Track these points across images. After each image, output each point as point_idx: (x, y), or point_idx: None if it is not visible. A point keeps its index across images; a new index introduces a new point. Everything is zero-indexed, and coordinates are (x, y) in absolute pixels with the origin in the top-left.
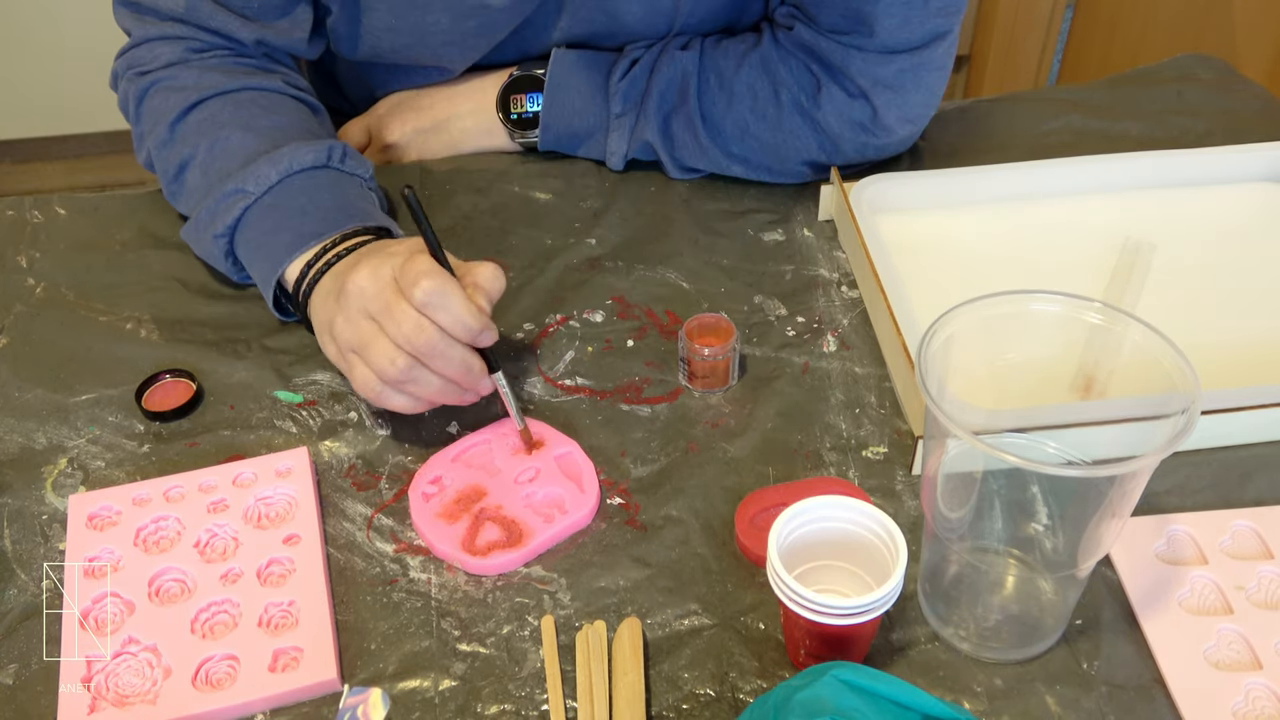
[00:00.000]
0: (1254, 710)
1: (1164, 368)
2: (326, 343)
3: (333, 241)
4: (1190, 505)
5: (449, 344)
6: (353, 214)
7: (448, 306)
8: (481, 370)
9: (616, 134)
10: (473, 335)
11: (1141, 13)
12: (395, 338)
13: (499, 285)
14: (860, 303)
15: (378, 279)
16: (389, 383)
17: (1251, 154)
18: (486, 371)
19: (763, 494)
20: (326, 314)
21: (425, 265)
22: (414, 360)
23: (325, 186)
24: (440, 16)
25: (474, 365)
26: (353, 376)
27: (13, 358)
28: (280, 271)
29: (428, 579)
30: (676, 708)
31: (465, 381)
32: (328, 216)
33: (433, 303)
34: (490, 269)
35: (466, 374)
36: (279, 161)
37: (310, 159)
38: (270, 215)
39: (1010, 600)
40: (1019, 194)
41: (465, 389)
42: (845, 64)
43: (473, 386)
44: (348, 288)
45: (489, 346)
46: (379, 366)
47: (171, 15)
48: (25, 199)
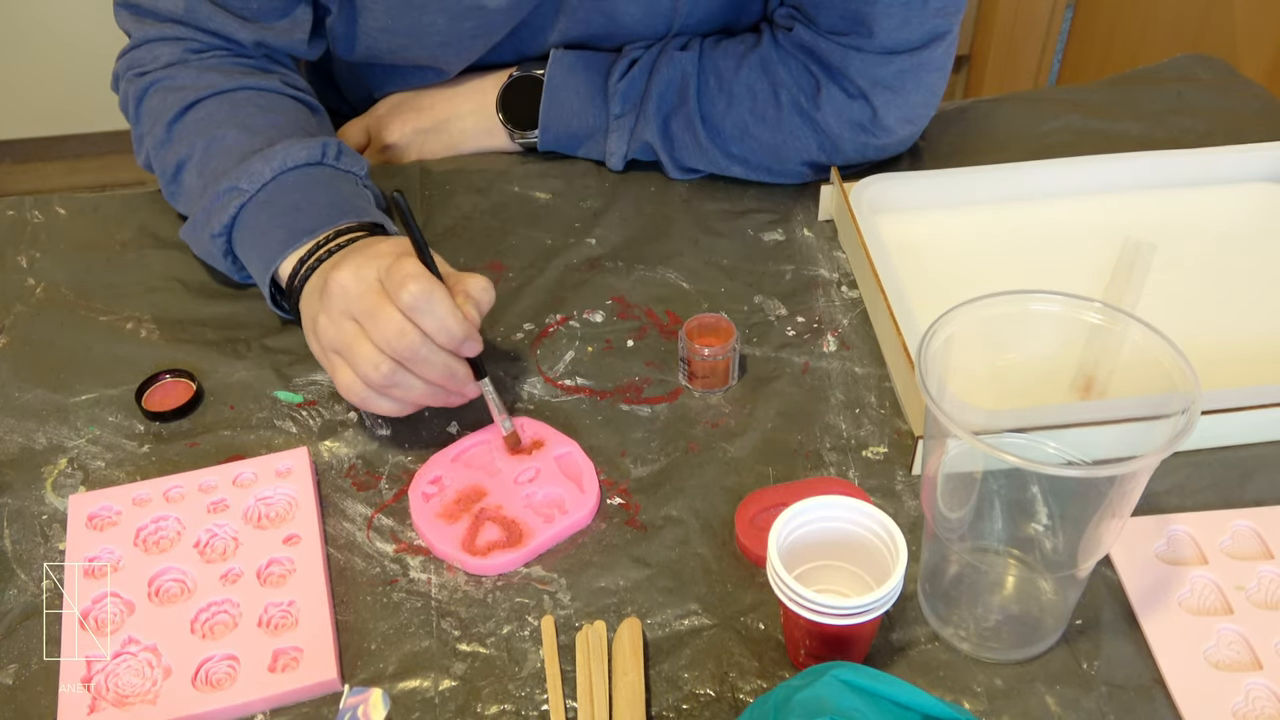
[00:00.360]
0: (1254, 710)
1: (1164, 368)
2: (311, 340)
3: (326, 238)
4: (1190, 505)
5: (432, 349)
6: (346, 210)
7: (433, 311)
8: (466, 375)
9: (616, 135)
10: (456, 342)
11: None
12: (378, 342)
13: (489, 297)
14: (860, 303)
15: (361, 279)
16: (373, 387)
17: (1251, 154)
18: (472, 376)
19: (763, 494)
20: (311, 311)
21: (412, 269)
22: (397, 365)
23: (319, 183)
24: (437, 17)
25: (458, 371)
26: (337, 379)
27: (13, 358)
28: (274, 268)
29: (428, 579)
30: (676, 708)
31: (450, 386)
32: (321, 213)
33: (419, 307)
34: (481, 280)
35: (451, 379)
36: (272, 158)
37: (304, 156)
38: (264, 212)
39: (1010, 600)
40: (1019, 194)
41: (451, 392)
42: (845, 65)
43: (458, 390)
44: (330, 286)
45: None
46: (362, 371)
47: (171, 17)
48: (25, 199)
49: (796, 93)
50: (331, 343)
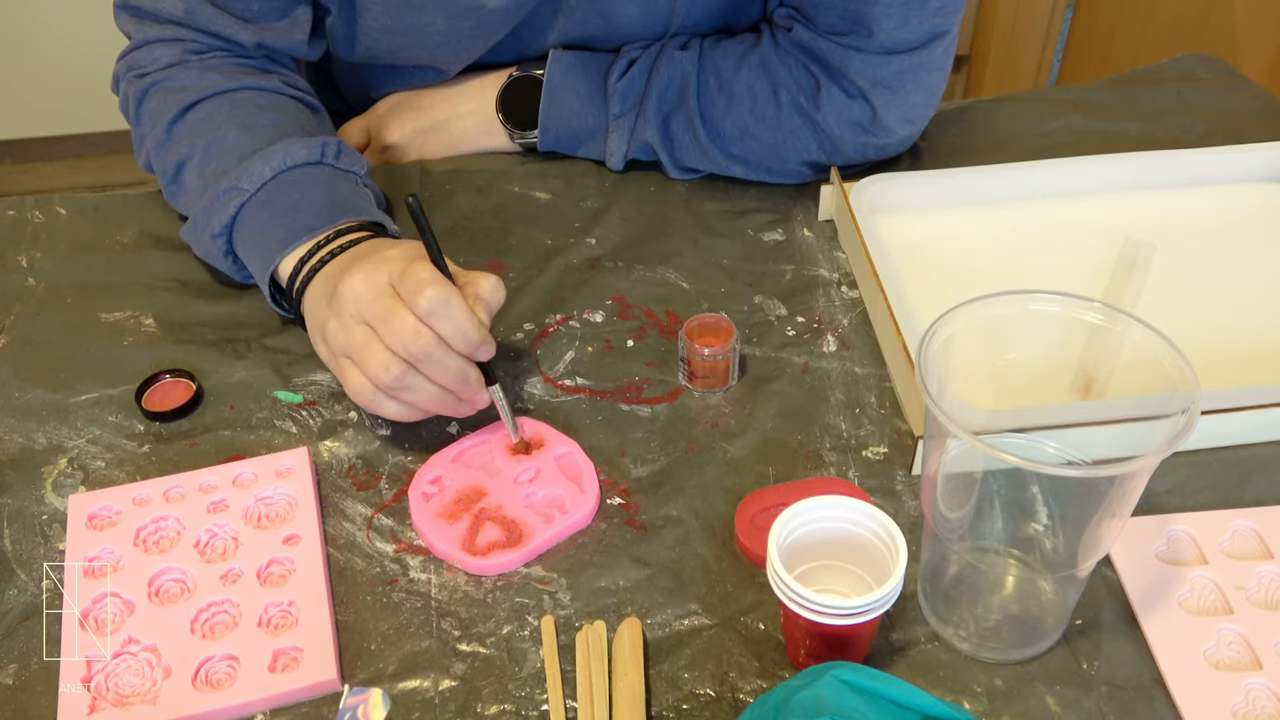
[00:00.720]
0: (1254, 710)
1: (1164, 368)
2: (319, 344)
3: (326, 238)
4: (1190, 505)
5: (446, 353)
6: (346, 209)
7: (451, 316)
8: (478, 381)
9: (615, 135)
10: (472, 347)
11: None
12: (391, 344)
13: (500, 297)
14: (860, 303)
15: (373, 284)
16: (383, 389)
17: (1251, 154)
18: (483, 383)
19: (763, 494)
20: (319, 316)
21: (428, 273)
22: (409, 367)
23: (319, 182)
24: (436, 18)
25: (470, 375)
26: (346, 381)
27: (13, 358)
28: (274, 267)
29: (428, 579)
30: (676, 708)
31: (462, 392)
32: (321, 212)
33: (436, 312)
34: (492, 280)
35: (463, 384)
36: (272, 158)
37: (304, 155)
38: (264, 211)
39: (1010, 600)
40: (1019, 194)
41: (462, 399)
42: (844, 65)
43: (470, 397)
44: (341, 291)
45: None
46: (373, 373)
47: (171, 18)
48: (26, 199)
49: (796, 93)
50: (342, 347)
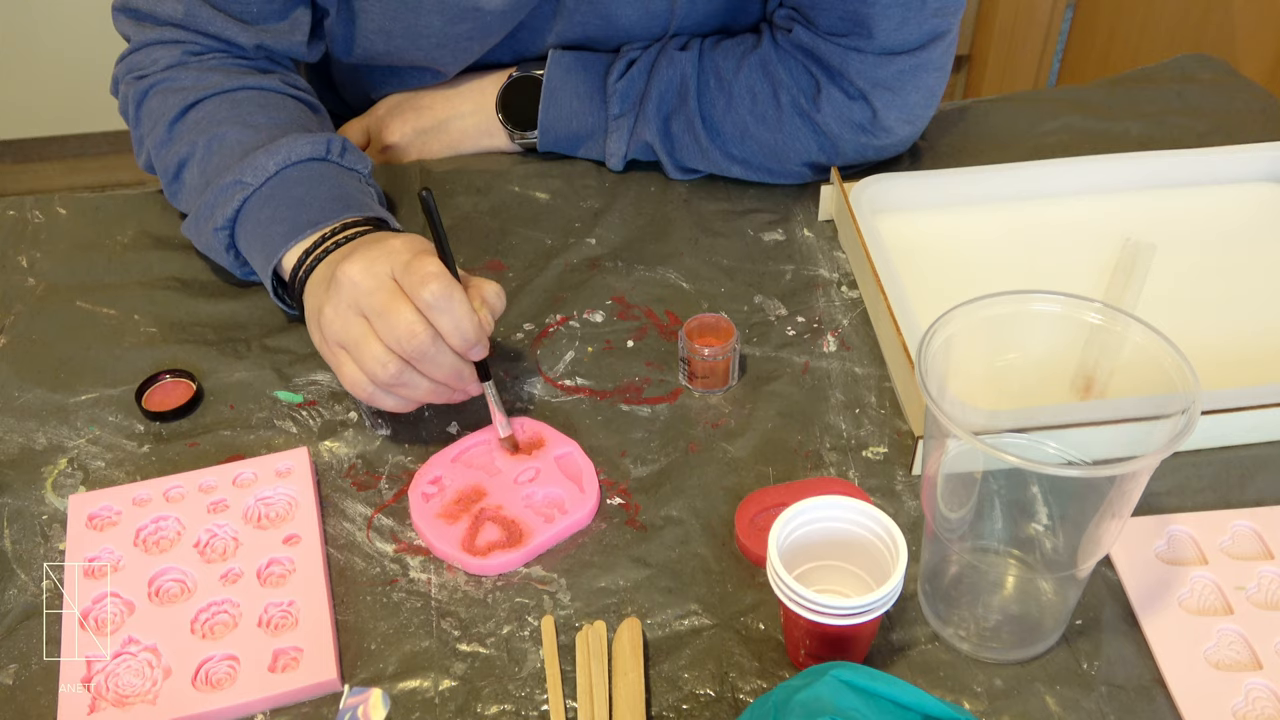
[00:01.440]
0: (1254, 710)
1: (1164, 368)
2: (313, 329)
3: (330, 231)
4: (1190, 505)
5: (441, 350)
6: (350, 205)
7: (451, 311)
8: (471, 375)
9: (615, 135)
10: (468, 345)
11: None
12: (387, 340)
13: (502, 304)
14: (860, 303)
15: (373, 274)
16: (380, 385)
17: (1251, 154)
18: (477, 376)
19: (763, 494)
20: (316, 301)
21: (434, 267)
22: (405, 365)
23: (323, 178)
24: (433, 19)
25: (464, 371)
26: (341, 374)
27: (13, 358)
28: (276, 260)
29: (428, 579)
30: (676, 708)
31: (456, 384)
32: (325, 207)
33: (437, 305)
34: (495, 286)
35: (457, 378)
36: (276, 153)
37: (308, 151)
38: (268, 205)
39: (1010, 600)
40: (1019, 194)
41: (455, 390)
42: (844, 66)
43: (463, 388)
44: (339, 277)
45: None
46: (370, 369)
47: (170, 20)
48: (26, 199)
49: (796, 93)
50: (337, 336)
